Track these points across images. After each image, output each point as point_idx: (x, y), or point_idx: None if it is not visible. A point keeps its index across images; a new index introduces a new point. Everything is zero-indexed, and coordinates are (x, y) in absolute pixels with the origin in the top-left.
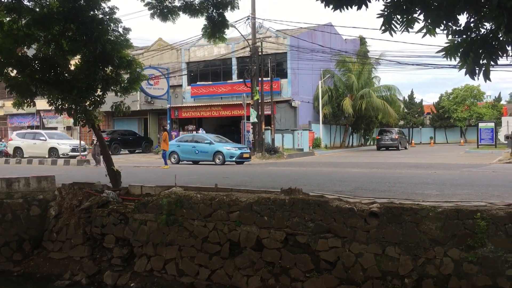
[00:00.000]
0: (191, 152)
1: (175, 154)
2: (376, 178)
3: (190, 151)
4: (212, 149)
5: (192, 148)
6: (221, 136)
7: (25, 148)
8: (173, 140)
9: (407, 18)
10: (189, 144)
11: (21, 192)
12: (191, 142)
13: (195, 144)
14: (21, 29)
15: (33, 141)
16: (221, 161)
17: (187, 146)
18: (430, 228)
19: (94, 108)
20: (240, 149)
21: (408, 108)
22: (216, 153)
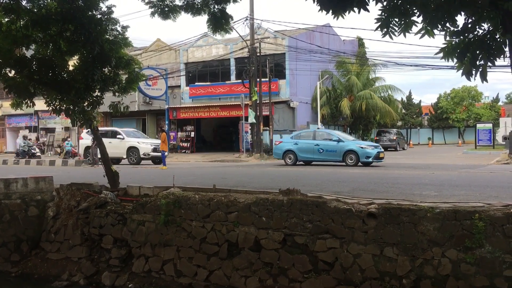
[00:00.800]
0: (313, 151)
1: (291, 153)
2: (374, 179)
3: (311, 150)
4: (342, 148)
5: (315, 146)
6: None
7: None
8: (286, 136)
9: (405, 21)
10: (310, 142)
11: (19, 193)
12: (312, 140)
13: (319, 142)
14: (19, 30)
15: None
16: (353, 161)
17: (308, 144)
18: (428, 228)
19: (92, 108)
20: (375, 147)
21: (406, 109)
22: (348, 152)
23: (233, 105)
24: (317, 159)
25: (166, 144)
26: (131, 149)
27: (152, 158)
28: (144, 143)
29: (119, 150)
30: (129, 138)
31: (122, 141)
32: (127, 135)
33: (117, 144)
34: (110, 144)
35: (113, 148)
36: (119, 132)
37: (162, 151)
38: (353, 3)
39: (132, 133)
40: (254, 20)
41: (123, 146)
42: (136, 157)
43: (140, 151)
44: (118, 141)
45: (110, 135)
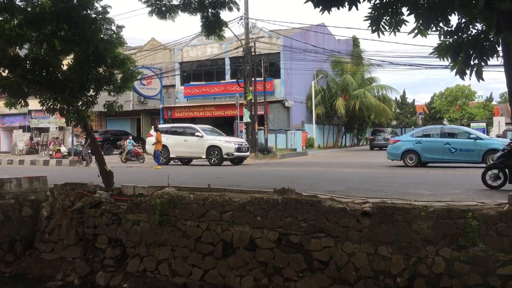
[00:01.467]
0: (443, 150)
1: (412, 154)
2: (368, 178)
3: (440, 150)
4: (482, 147)
5: (445, 145)
6: None
7: (173, 146)
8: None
9: (395, 19)
10: (438, 141)
11: (12, 193)
12: (441, 137)
13: (450, 140)
14: (13, 29)
15: (183, 137)
16: None
17: (435, 143)
18: (422, 227)
19: (87, 108)
20: None
21: (401, 108)
22: (490, 152)
23: (228, 104)
24: (447, 160)
25: (161, 143)
26: (211, 148)
27: (235, 158)
28: (227, 142)
29: (197, 149)
30: (208, 136)
31: (200, 139)
32: (205, 133)
33: (195, 143)
34: (185, 143)
35: (189, 147)
36: (197, 130)
37: (157, 151)
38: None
39: (209, 130)
40: (248, 19)
41: (202, 145)
42: (218, 157)
43: (223, 150)
44: (196, 139)
45: (187, 132)
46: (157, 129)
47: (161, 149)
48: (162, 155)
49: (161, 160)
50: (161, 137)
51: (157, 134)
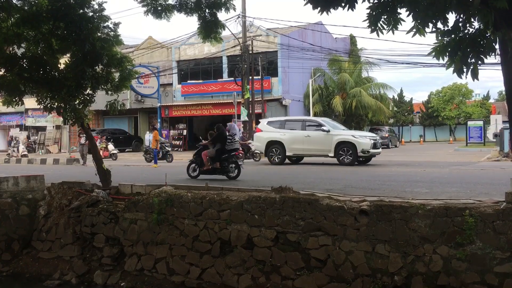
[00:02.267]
0: None
1: None
2: (366, 176)
3: None
4: None
5: None
6: None
7: (290, 142)
8: None
9: (393, 18)
10: None
11: (10, 192)
12: None
13: None
14: (10, 28)
15: (304, 132)
16: None
17: None
18: (419, 225)
19: (84, 106)
20: None
21: (398, 106)
22: None
23: (226, 103)
24: None
25: (158, 142)
26: (342, 144)
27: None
28: (362, 137)
29: (322, 146)
30: (337, 131)
31: (327, 134)
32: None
33: (320, 139)
34: (307, 139)
35: (312, 144)
36: (321, 123)
37: (154, 149)
38: (342, 1)
39: (333, 124)
40: (246, 17)
41: (329, 141)
42: (351, 154)
43: (358, 147)
44: (322, 134)
45: (307, 127)
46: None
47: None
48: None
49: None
50: (158, 136)
51: (154, 133)
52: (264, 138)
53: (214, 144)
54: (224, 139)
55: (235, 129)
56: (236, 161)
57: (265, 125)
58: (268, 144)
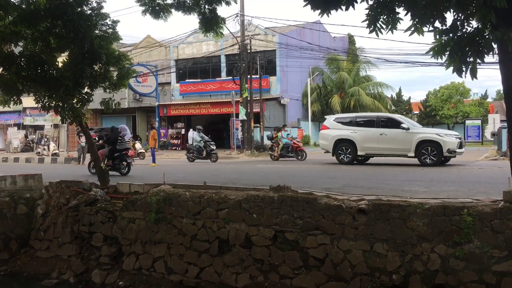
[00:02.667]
0: None
1: None
2: (364, 175)
3: None
4: None
5: None
6: None
7: (362, 141)
8: None
9: (392, 18)
10: None
11: (7, 191)
12: None
13: None
14: (7, 27)
15: (379, 130)
16: None
17: None
18: (417, 224)
19: (82, 105)
20: None
21: (396, 105)
22: None
23: (224, 102)
24: None
25: (157, 141)
26: (424, 143)
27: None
28: (447, 136)
29: (401, 145)
30: (417, 129)
31: (407, 132)
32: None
33: (398, 137)
34: (383, 137)
35: (389, 143)
36: (399, 121)
37: (152, 148)
38: (341, 2)
39: (411, 122)
40: (244, 16)
41: (409, 139)
42: (435, 154)
43: (444, 146)
44: (400, 132)
45: (382, 124)
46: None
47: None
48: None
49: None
50: (156, 135)
51: (152, 132)
52: (331, 136)
53: (108, 144)
54: (115, 140)
55: (126, 131)
56: (126, 159)
57: (333, 122)
58: (337, 142)
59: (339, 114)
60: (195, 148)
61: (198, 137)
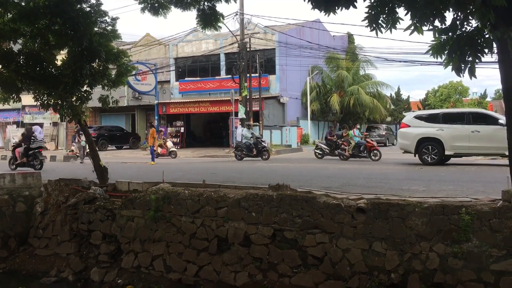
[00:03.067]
0: None
1: None
2: (363, 174)
3: None
4: None
5: None
6: None
7: (451, 139)
8: None
9: (392, 17)
10: None
11: (6, 189)
12: None
13: None
14: (7, 24)
15: (469, 127)
16: None
17: None
18: (416, 223)
19: (81, 103)
20: None
21: (395, 104)
22: None
23: (223, 100)
24: None
25: (156, 140)
26: None
27: None
28: None
29: (498, 143)
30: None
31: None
32: None
33: (494, 135)
34: (476, 135)
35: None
36: (496, 117)
37: (151, 147)
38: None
39: None
40: (244, 15)
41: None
42: None
43: None
44: (497, 130)
45: (481, 121)
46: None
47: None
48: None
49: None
50: (155, 133)
51: (151, 130)
52: (414, 135)
53: (23, 143)
54: (29, 139)
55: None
56: (39, 156)
57: (413, 120)
58: (420, 141)
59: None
60: (245, 145)
61: (249, 134)
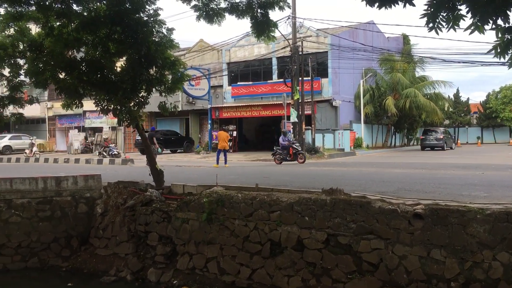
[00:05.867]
0: None
1: None
2: (420, 179)
3: None
4: None
5: None
6: None
7: None
8: None
9: (453, 15)
10: None
11: (69, 190)
12: None
13: None
14: (70, 33)
15: None
16: None
17: None
18: (478, 230)
19: (138, 108)
20: None
21: (454, 107)
22: None
23: (275, 104)
24: None
25: (226, 142)
26: None
27: None
28: None
29: None
30: None
31: None
32: None
33: None
34: None
35: None
36: None
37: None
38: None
39: None
40: (296, 18)
41: None
42: None
43: None
44: None
45: None
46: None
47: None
48: None
49: None
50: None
51: (218, 133)
52: None
53: None
54: None
55: None
56: None
57: None
58: None
59: None
60: (280, 150)
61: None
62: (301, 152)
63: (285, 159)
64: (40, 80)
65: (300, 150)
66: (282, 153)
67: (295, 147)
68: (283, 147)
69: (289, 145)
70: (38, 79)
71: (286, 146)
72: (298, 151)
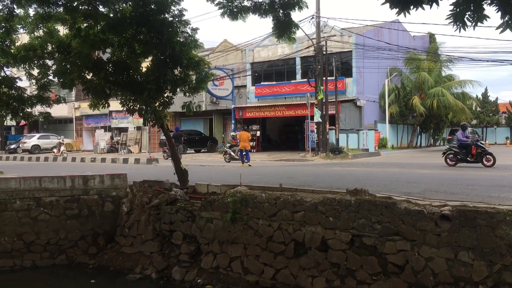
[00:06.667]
0: None
1: None
2: (447, 180)
3: None
4: None
5: None
6: None
7: None
8: None
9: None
10: None
11: (96, 189)
12: None
13: None
14: (97, 35)
15: None
16: None
17: None
18: (507, 233)
19: (163, 108)
20: None
21: (482, 106)
22: None
23: (299, 104)
24: None
25: (247, 143)
26: None
27: None
28: None
29: None
30: None
31: None
32: None
33: None
34: None
35: None
36: None
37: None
38: None
39: None
40: (320, 18)
41: None
42: None
43: None
44: None
45: None
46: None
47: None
48: None
49: None
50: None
51: (240, 133)
52: None
53: None
54: None
55: None
56: None
57: None
58: None
59: None
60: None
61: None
62: (490, 153)
63: (464, 160)
64: (67, 80)
65: (487, 149)
66: (459, 152)
67: (481, 145)
68: (461, 145)
69: (472, 142)
70: (65, 79)
71: (466, 144)
72: (484, 151)
